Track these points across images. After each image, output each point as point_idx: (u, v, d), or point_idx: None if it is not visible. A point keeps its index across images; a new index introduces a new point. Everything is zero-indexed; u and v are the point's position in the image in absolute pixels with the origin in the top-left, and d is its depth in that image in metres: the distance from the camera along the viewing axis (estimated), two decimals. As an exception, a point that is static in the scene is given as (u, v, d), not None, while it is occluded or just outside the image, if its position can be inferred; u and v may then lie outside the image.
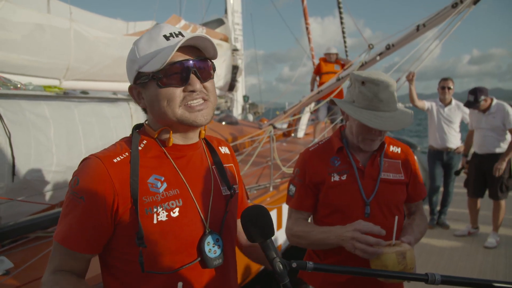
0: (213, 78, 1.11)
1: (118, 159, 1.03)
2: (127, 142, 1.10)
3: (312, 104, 6.81)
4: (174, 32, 1.06)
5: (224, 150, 1.32)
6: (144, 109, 1.14)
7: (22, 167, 2.45)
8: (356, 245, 1.40)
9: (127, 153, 1.05)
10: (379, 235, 1.42)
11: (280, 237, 4.10)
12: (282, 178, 4.64)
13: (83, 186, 0.99)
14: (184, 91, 1.03)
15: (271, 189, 4.24)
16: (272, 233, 1.02)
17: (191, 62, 1.03)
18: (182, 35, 1.07)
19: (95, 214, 0.99)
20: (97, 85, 4.79)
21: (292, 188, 1.76)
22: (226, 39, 7.11)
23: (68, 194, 1.03)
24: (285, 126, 8.37)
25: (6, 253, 2.29)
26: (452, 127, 5.11)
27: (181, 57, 1.03)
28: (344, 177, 1.63)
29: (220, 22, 7.16)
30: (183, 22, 5.79)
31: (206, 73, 1.07)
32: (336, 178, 1.64)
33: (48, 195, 2.72)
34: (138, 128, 1.17)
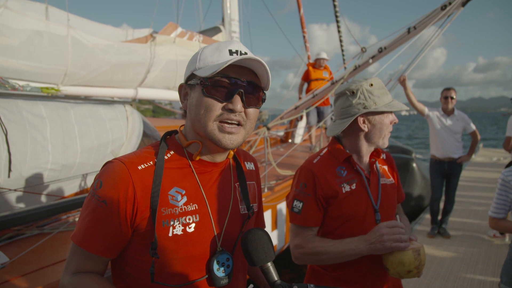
0: (258, 108, 1.09)
1: (143, 166, 1.03)
2: (154, 150, 1.09)
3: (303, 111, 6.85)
4: (240, 50, 1.04)
5: (249, 166, 1.30)
6: (185, 112, 1.15)
7: (18, 164, 2.51)
8: (390, 237, 1.40)
9: (152, 162, 1.05)
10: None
11: (274, 238, 4.12)
12: (276, 180, 4.69)
13: (105, 190, 0.99)
14: (224, 108, 1.02)
15: (265, 190, 4.28)
16: (273, 257, 1.01)
17: (241, 82, 1.02)
18: (246, 54, 1.04)
19: (115, 219, 0.99)
20: (94, 90, 4.87)
21: (298, 204, 1.62)
22: (223, 47, 7.20)
23: (89, 196, 1.03)
24: (281, 133, 8.43)
25: (1, 248, 2.34)
26: (454, 137, 5.07)
27: (235, 74, 1.02)
28: (353, 186, 1.61)
29: (217, 30, 7.27)
30: (179, 30, 5.88)
31: (252, 99, 1.05)
32: (347, 188, 1.60)
33: (43, 192, 2.77)
34: (168, 135, 1.16)
